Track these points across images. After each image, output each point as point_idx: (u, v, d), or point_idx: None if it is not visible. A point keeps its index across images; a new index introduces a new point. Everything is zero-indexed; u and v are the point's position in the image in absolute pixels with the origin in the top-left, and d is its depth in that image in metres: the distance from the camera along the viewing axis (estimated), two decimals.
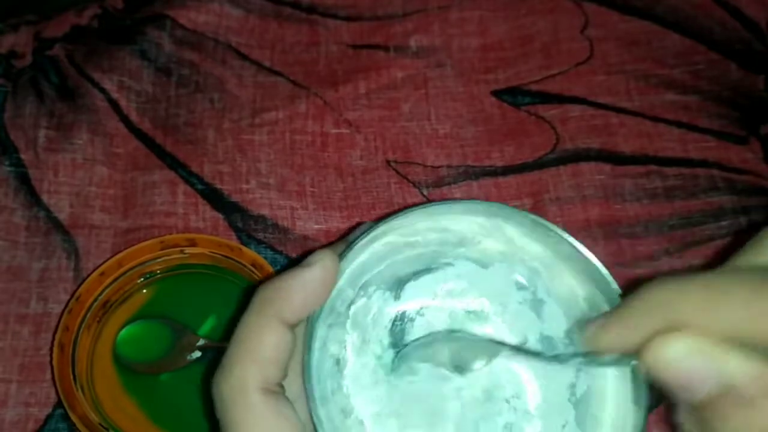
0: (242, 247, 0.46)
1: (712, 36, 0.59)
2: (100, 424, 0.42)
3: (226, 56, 0.58)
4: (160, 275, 0.48)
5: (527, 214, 0.33)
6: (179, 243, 0.47)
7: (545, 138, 0.55)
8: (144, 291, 0.48)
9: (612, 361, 0.28)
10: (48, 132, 0.53)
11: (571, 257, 0.33)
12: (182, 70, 0.57)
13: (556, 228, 0.32)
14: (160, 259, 0.47)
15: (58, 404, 0.45)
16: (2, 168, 0.52)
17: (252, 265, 0.46)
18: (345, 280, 0.33)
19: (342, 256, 0.31)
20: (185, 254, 0.47)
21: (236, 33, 0.59)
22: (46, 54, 0.57)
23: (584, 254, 0.32)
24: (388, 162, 0.54)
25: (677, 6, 0.60)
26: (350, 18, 0.60)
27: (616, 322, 0.27)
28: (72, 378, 0.43)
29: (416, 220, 0.34)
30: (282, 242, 0.51)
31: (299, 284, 0.29)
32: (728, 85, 0.57)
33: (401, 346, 0.36)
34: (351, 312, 0.35)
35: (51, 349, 0.44)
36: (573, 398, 0.35)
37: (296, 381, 0.30)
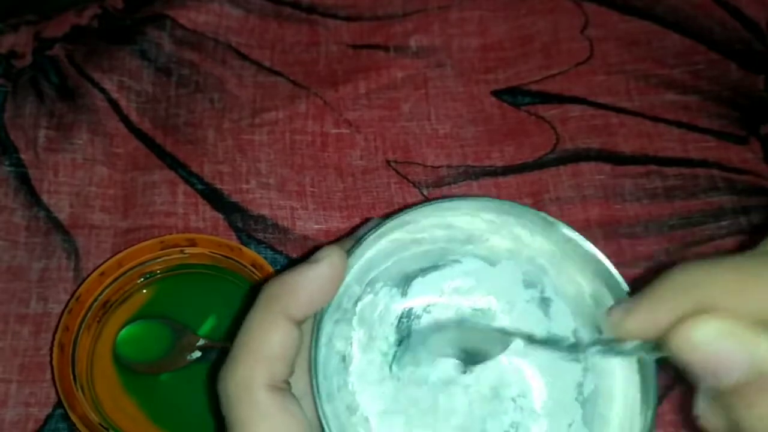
0: (242, 247, 0.46)
1: (712, 36, 0.59)
2: (100, 424, 0.42)
3: (226, 56, 0.58)
4: (160, 275, 0.48)
5: (537, 212, 0.32)
6: (179, 243, 0.47)
7: (545, 138, 0.55)
8: (144, 291, 0.48)
9: (633, 350, 0.27)
10: (48, 132, 0.53)
11: (580, 256, 0.33)
12: (182, 70, 0.57)
13: (565, 226, 0.32)
14: (160, 259, 0.47)
15: (58, 404, 0.45)
16: (2, 168, 0.52)
17: (252, 265, 0.46)
18: (352, 277, 0.33)
19: (350, 253, 0.31)
20: (185, 254, 0.47)
21: (236, 33, 0.59)
22: (46, 54, 0.57)
23: (593, 253, 0.32)
24: (388, 162, 0.54)
25: (677, 6, 0.60)
26: (350, 18, 0.60)
27: (644, 306, 0.26)
28: (72, 378, 0.43)
29: (424, 217, 0.33)
30: (282, 242, 0.51)
31: (307, 281, 0.29)
32: (728, 85, 0.57)
33: (408, 342, 0.35)
34: (358, 308, 0.35)
35: (51, 349, 0.44)
36: (580, 397, 0.34)
37: (303, 378, 0.29)
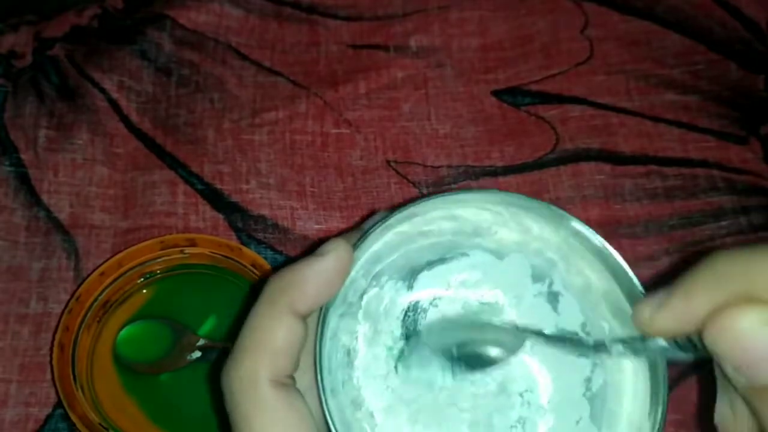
0: (242, 247, 0.46)
1: (712, 36, 0.59)
2: (100, 424, 0.42)
3: (226, 56, 0.58)
4: (160, 275, 0.48)
5: (547, 205, 0.32)
6: (179, 243, 0.47)
7: (545, 138, 0.55)
8: (144, 291, 0.48)
9: (662, 348, 0.25)
10: (48, 132, 0.53)
11: (589, 249, 0.32)
12: (182, 70, 0.57)
13: (575, 219, 0.31)
14: (160, 259, 0.47)
15: (58, 404, 0.45)
16: (2, 168, 0.52)
17: (252, 265, 0.46)
18: (358, 270, 0.32)
19: (356, 246, 0.30)
20: (185, 254, 0.47)
21: (236, 33, 0.59)
22: (46, 54, 0.57)
23: (603, 247, 0.31)
24: (388, 162, 0.54)
25: (677, 6, 0.60)
26: (350, 18, 0.60)
27: (678, 298, 0.24)
28: (72, 378, 0.43)
29: (431, 209, 0.33)
30: (282, 242, 0.51)
31: (312, 274, 0.28)
32: (728, 85, 0.57)
33: (414, 336, 0.35)
34: (363, 302, 0.34)
35: (51, 349, 0.44)
36: (588, 393, 0.34)
37: (307, 372, 0.29)
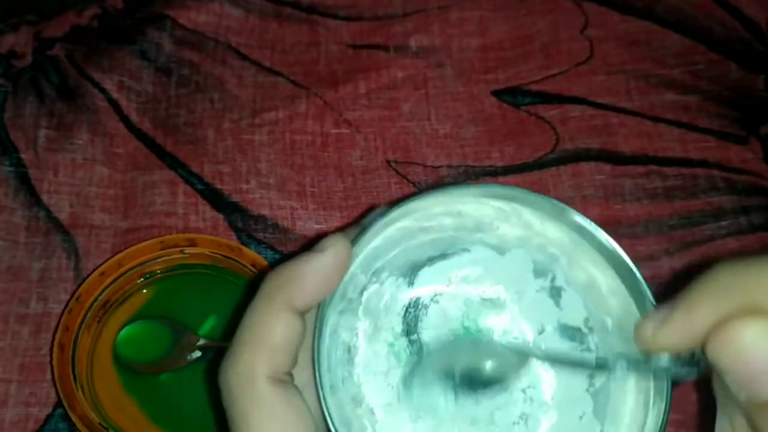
0: (242, 247, 0.46)
1: (712, 36, 0.59)
2: (100, 424, 0.42)
3: (226, 56, 0.58)
4: (160, 275, 0.48)
5: (548, 199, 0.31)
6: (179, 243, 0.47)
7: (545, 138, 0.55)
8: (144, 291, 0.48)
9: (666, 365, 0.25)
10: (48, 132, 0.53)
11: (591, 244, 0.32)
12: (182, 70, 0.57)
13: (577, 214, 0.31)
14: (160, 259, 0.47)
15: (58, 404, 0.45)
16: (2, 168, 0.52)
17: (252, 265, 0.46)
18: (357, 266, 0.32)
19: (355, 241, 0.30)
20: (185, 254, 0.47)
21: (236, 33, 0.59)
22: (46, 54, 0.57)
23: (605, 241, 0.31)
24: (388, 162, 0.54)
25: (677, 6, 0.60)
26: (350, 18, 0.60)
27: (681, 312, 0.24)
28: (72, 378, 0.43)
29: (432, 204, 0.32)
30: (282, 242, 0.51)
31: (311, 270, 0.28)
32: (728, 85, 0.57)
33: (414, 334, 0.35)
34: (363, 298, 0.34)
35: (51, 349, 0.44)
36: (592, 389, 0.33)
37: (306, 369, 0.29)
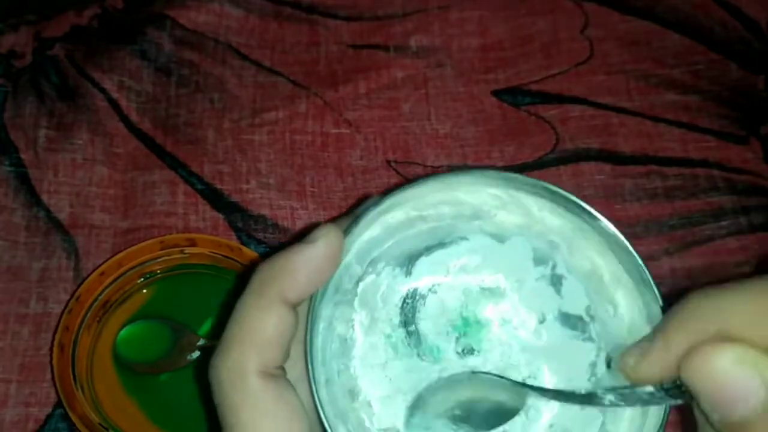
0: (242, 247, 0.46)
1: (712, 36, 0.59)
2: (100, 424, 0.42)
3: (226, 56, 0.58)
4: (160, 275, 0.48)
5: (545, 184, 0.31)
6: (179, 243, 0.47)
7: (545, 138, 0.55)
8: (144, 291, 0.48)
9: (651, 395, 0.26)
10: (48, 132, 0.53)
11: (592, 229, 0.31)
12: (182, 70, 0.57)
13: (576, 198, 0.30)
14: (160, 259, 0.47)
15: (58, 404, 0.45)
16: (2, 168, 0.52)
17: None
18: (352, 256, 0.32)
19: (348, 231, 0.29)
20: (185, 254, 0.47)
21: (236, 33, 0.59)
22: (46, 54, 0.57)
23: (605, 226, 0.30)
24: (388, 162, 0.54)
25: (677, 6, 0.60)
26: (350, 18, 0.60)
27: (659, 342, 0.25)
28: (72, 378, 0.43)
29: (427, 192, 0.32)
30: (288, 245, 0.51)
31: (302, 261, 0.27)
32: (728, 85, 0.57)
33: (412, 325, 0.34)
34: (359, 289, 0.33)
35: (51, 349, 0.44)
36: (593, 378, 0.33)
37: (299, 363, 0.28)
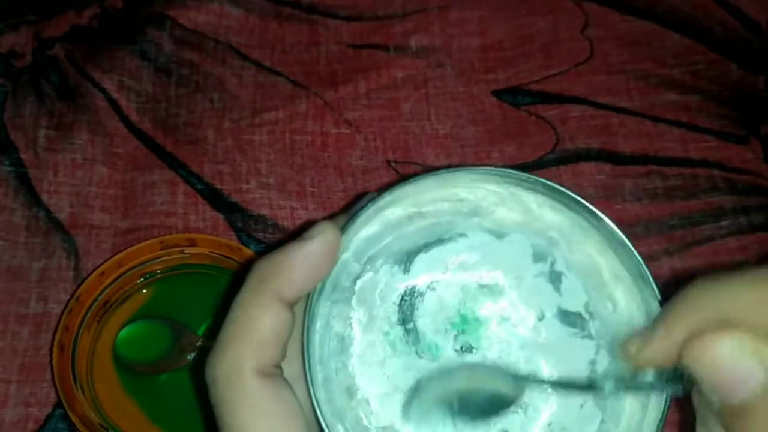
0: (242, 247, 0.46)
1: (712, 36, 0.59)
2: (100, 424, 0.42)
3: (226, 56, 0.58)
4: (160, 275, 0.48)
5: (544, 181, 0.31)
6: (179, 243, 0.47)
7: (545, 138, 0.55)
8: (144, 291, 0.48)
9: (652, 383, 0.26)
10: (48, 132, 0.53)
11: (591, 226, 0.31)
12: (182, 70, 0.57)
13: (575, 195, 0.30)
14: (160, 259, 0.47)
15: (58, 404, 0.45)
16: (2, 168, 0.52)
17: None
18: (350, 254, 0.31)
19: (345, 228, 0.29)
20: (185, 254, 0.47)
21: (236, 33, 0.59)
22: (46, 54, 0.57)
23: (605, 222, 0.30)
24: (388, 162, 0.54)
25: (677, 6, 0.60)
26: (350, 18, 0.60)
27: (661, 329, 0.25)
28: (72, 378, 0.43)
29: (426, 189, 0.32)
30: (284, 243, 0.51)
31: (299, 259, 0.27)
32: (728, 85, 0.57)
33: (410, 322, 0.34)
34: (357, 287, 0.33)
35: (51, 349, 0.44)
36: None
37: (296, 361, 0.28)
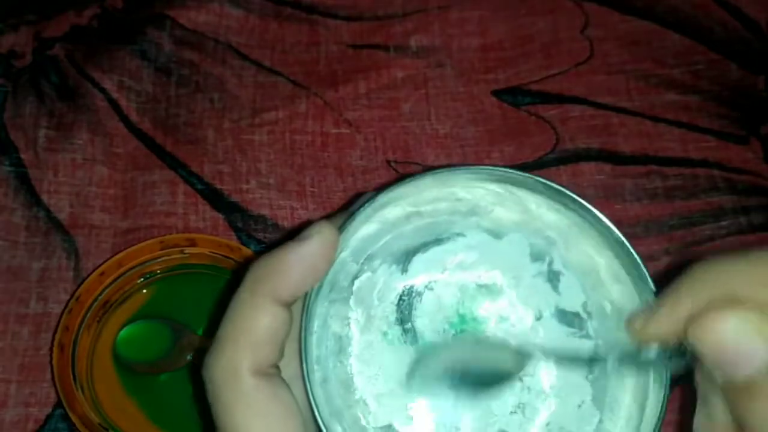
0: (242, 247, 0.46)
1: (712, 36, 0.59)
2: (100, 424, 0.42)
3: (226, 56, 0.58)
4: (160, 275, 0.48)
5: (543, 180, 0.31)
6: (179, 243, 0.47)
7: (545, 138, 0.55)
8: (144, 291, 0.48)
9: (656, 358, 0.26)
10: (48, 132, 0.53)
11: (589, 226, 0.31)
12: (182, 70, 0.57)
13: (573, 194, 0.30)
14: (160, 259, 0.47)
15: (58, 404, 0.45)
16: (2, 168, 0.52)
17: None
18: (348, 253, 0.31)
19: (343, 228, 0.29)
20: (185, 254, 0.47)
21: (236, 33, 0.59)
22: (46, 54, 0.57)
23: (602, 222, 0.30)
24: (388, 162, 0.54)
25: (677, 6, 0.60)
26: (350, 18, 0.60)
27: (666, 305, 0.26)
28: (72, 378, 0.43)
29: (424, 188, 0.32)
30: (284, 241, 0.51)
31: (296, 259, 0.27)
32: (728, 85, 0.57)
33: (408, 322, 0.34)
34: (354, 287, 0.33)
35: (51, 349, 0.44)
36: (591, 376, 0.33)
37: (294, 361, 0.28)
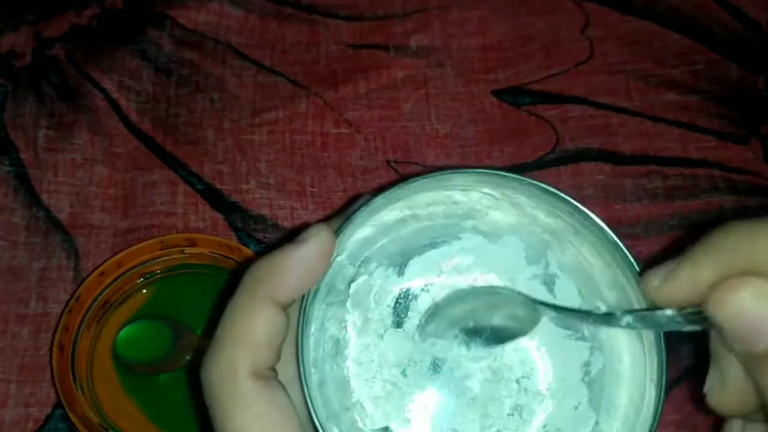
0: (242, 247, 0.46)
1: (712, 36, 0.59)
2: (100, 424, 0.42)
3: (226, 56, 0.58)
4: (160, 275, 0.48)
5: (538, 183, 0.31)
6: (179, 243, 0.47)
7: (545, 138, 0.55)
8: (144, 291, 0.48)
9: (669, 320, 0.26)
10: (48, 132, 0.53)
11: (584, 228, 0.31)
12: (182, 70, 0.57)
13: (568, 197, 0.30)
14: (160, 259, 0.47)
15: (58, 404, 0.45)
16: (2, 168, 0.52)
17: None
18: (344, 257, 0.32)
19: (339, 231, 0.29)
20: (185, 254, 0.47)
21: (236, 33, 0.59)
22: (46, 54, 0.57)
23: (597, 224, 0.30)
24: (388, 162, 0.54)
25: (677, 6, 0.60)
26: (350, 18, 0.60)
27: (685, 267, 0.25)
28: (72, 378, 0.43)
29: (420, 191, 0.32)
30: (282, 242, 0.51)
31: (293, 262, 0.27)
32: (728, 85, 0.57)
33: (404, 325, 0.34)
34: (351, 290, 0.34)
35: (51, 349, 0.44)
36: (587, 377, 0.33)
37: (291, 364, 0.28)
